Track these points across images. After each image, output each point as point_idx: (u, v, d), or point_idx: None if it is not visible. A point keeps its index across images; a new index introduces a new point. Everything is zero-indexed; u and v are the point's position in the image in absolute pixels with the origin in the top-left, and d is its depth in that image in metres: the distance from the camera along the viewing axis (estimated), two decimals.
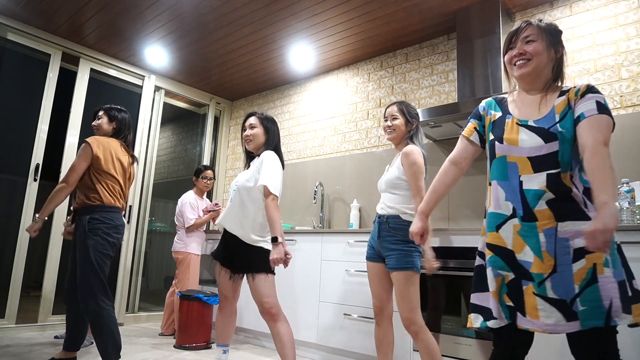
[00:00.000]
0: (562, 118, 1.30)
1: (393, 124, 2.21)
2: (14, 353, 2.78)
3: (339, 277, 2.90)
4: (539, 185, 1.28)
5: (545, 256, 1.25)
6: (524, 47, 1.38)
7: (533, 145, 1.30)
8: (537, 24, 1.38)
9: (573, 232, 1.23)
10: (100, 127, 2.53)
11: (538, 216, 1.28)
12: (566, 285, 1.22)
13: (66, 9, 3.38)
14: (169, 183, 4.89)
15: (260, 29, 3.49)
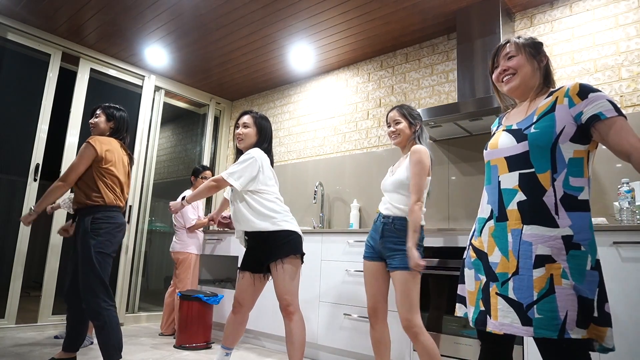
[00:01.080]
0: (539, 118, 1.31)
1: (397, 129, 2.23)
2: (14, 353, 2.78)
3: (339, 277, 2.90)
4: (512, 184, 1.32)
5: (510, 256, 1.27)
6: (506, 64, 1.44)
7: (508, 146, 1.35)
8: (515, 41, 1.44)
9: (536, 237, 1.23)
10: (97, 126, 2.49)
11: (509, 216, 1.30)
12: (525, 290, 1.22)
13: (66, 9, 3.38)
14: (169, 183, 4.89)
15: (260, 29, 3.49)
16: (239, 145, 2.32)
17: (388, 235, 2.12)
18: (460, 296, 1.46)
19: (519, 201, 1.29)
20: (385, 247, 2.12)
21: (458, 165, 3.15)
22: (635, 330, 1.83)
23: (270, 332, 3.23)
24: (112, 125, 2.51)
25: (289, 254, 2.14)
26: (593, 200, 2.54)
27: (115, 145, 2.44)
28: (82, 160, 2.32)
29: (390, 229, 2.11)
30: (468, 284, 1.41)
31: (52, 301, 3.64)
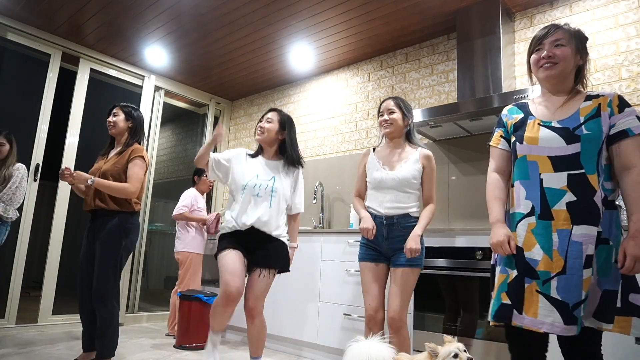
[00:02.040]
0: (586, 120, 1.32)
1: (390, 118, 2.16)
2: (14, 353, 2.78)
3: (338, 277, 2.90)
4: (560, 184, 1.30)
5: (555, 255, 1.26)
6: (553, 50, 1.39)
7: (553, 145, 1.32)
8: (568, 29, 1.40)
9: (586, 237, 1.25)
10: (116, 125, 2.48)
11: (555, 215, 1.29)
12: (573, 289, 1.22)
13: (66, 9, 3.38)
14: (169, 183, 4.89)
15: (260, 29, 3.49)
16: (258, 138, 2.32)
17: (395, 235, 2.07)
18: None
19: (569, 202, 1.28)
20: (392, 248, 2.08)
21: (458, 165, 3.15)
22: None
23: (270, 332, 3.23)
24: (131, 124, 2.52)
25: (283, 268, 2.25)
26: None
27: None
28: (143, 173, 2.41)
29: (397, 228, 2.08)
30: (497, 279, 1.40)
31: (52, 301, 3.64)
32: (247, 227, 2.17)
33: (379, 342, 1.59)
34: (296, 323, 3.08)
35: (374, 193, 2.17)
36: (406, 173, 2.12)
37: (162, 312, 4.38)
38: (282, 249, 2.25)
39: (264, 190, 2.21)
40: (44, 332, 3.49)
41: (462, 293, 2.38)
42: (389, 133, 2.19)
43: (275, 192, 2.23)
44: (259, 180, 2.23)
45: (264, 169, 2.28)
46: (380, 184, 2.15)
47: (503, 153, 1.54)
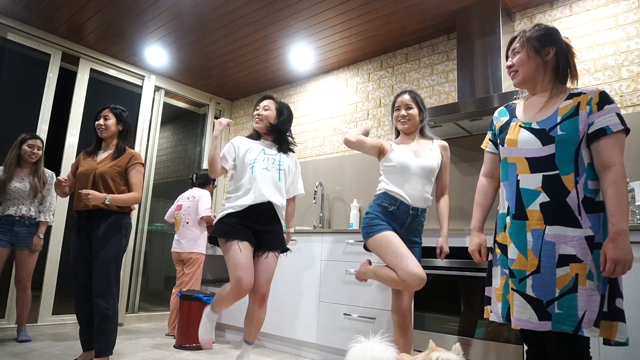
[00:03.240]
0: (563, 120, 1.32)
1: (409, 114, 2.15)
2: (14, 353, 2.78)
3: (339, 277, 2.90)
4: (535, 185, 1.32)
5: (530, 255, 1.30)
6: (513, 59, 1.46)
7: (530, 147, 1.35)
8: (521, 35, 1.44)
9: (560, 237, 1.27)
10: (108, 128, 2.46)
11: (529, 216, 1.32)
12: (546, 287, 1.26)
13: (66, 9, 3.38)
14: (169, 183, 4.89)
15: (260, 29, 3.49)
16: (256, 125, 2.41)
17: (414, 227, 2.09)
18: (488, 298, 1.47)
19: (542, 202, 1.30)
20: (406, 239, 2.05)
21: (458, 165, 3.15)
22: (636, 330, 1.83)
23: (270, 332, 3.23)
24: (122, 127, 2.52)
25: (284, 249, 2.33)
26: None
27: None
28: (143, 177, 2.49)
29: (418, 221, 2.10)
30: (495, 281, 1.44)
31: (52, 301, 3.64)
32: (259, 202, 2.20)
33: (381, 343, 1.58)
34: (296, 323, 3.08)
35: (398, 178, 2.06)
36: (433, 161, 2.11)
37: (162, 312, 4.39)
38: (282, 231, 2.37)
39: (272, 164, 2.31)
40: (44, 332, 3.49)
41: (462, 293, 2.38)
42: (407, 129, 2.17)
43: (282, 165, 2.33)
44: (266, 155, 2.33)
45: (267, 148, 2.40)
46: (406, 169, 2.05)
47: (491, 156, 1.59)
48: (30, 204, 3.14)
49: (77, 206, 2.39)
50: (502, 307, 1.38)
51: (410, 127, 2.16)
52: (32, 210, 3.15)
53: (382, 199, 2.08)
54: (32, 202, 3.16)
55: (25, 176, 3.17)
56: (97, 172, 2.37)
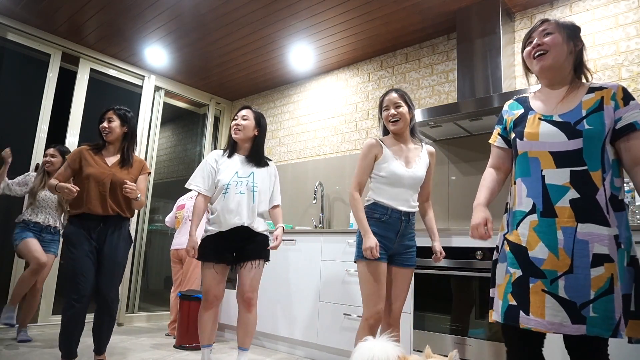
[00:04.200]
0: (588, 114, 1.28)
1: (399, 112, 2.07)
2: (14, 353, 2.78)
3: (339, 277, 2.90)
4: (562, 181, 1.26)
5: (561, 254, 1.23)
6: (542, 39, 1.37)
7: (555, 141, 1.28)
8: (555, 20, 1.39)
9: (592, 235, 1.21)
10: (113, 131, 2.44)
11: (558, 213, 1.25)
12: (580, 289, 1.19)
13: (66, 9, 3.38)
14: (169, 183, 4.89)
15: (260, 29, 3.49)
16: (235, 136, 2.39)
17: (407, 232, 2.08)
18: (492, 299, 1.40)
19: (572, 199, 1.24)
20: (402, 245, 2.06)
21: (458, 165, 3.15)
22: None
23: (270, 332, 3.23)
24: (126, 129, 2.51)
25: (267, 258, 2.37)
26: None
27: None
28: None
29: (409, 226, 2.09)
30: (499, 279, 1.36)
31: (52, 301, 3.65)
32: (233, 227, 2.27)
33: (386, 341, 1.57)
34: (296, 323, 3.08)
35: (388, 189, 2.05)
36: (422, 171, 2.10)
37: (162, 312, 4.39)
38: (266, 241, 2.39)
39: (245, 187, 2.31)
40: (44, 332, 3.49)
41: (462, 293, 2.37)
42: (399, 129, 2.09)
43: (256, 187, 2.33)
44: (239, 178, 2.32)
45: (241, 166, 2.36)
46: (398, 180, 2.04)
47: (499, 151, 1.52)
48: (56, 216, 3.23)
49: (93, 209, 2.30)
50: (502, 305, 1.31)
51: (401, 127, 2.08)
52: (58, 222, 3.25)
53: (372, 210, 2.05)
54: (58, 215, 3.26)
55: None
56: (115, 178, 2.37)
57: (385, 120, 2.13)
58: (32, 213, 3.13)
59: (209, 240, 2.31)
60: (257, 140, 2.42)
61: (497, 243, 1.45)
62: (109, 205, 2.34)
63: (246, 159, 2.40)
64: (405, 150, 2.10)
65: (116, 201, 2.37)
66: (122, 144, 2.51)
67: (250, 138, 2.40)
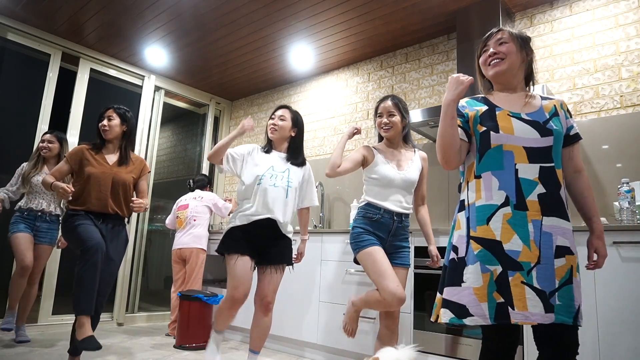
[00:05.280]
0: (551, 117, 1.38)
1: (391, 121, 2.16)
2: (14, 353, 2.78)
3: (339, 277, 2.90)
4: (533, 176, 1.32)
5: (532, 246, 1.28)
6: (498, 48, 1.47)
7: (528, 137, 1.34)
8: (508, 30, 1.48)
9: (555, 228, 1.30)
10: (112, 129, 2.42)
11: (529, 206, 1.30)
12: (548, 278, 1.27)
13: (66, 9, 3.38)
14: (169, 183, 4.89)
15: (260, 29, 3.49)
16: (271, 135, 2.35)
17: (400, 232, 2.16)
18: (447, 300, 1.34)
19: (540, 193, 1.31)
20: (394, 245, 2.14)
21: None
22: (636, 330, 1.83)
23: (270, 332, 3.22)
24: (125, 128, 2.49)
25: (289, 263, 2.33)
26: None
27: None
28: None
29: (402, 227, 2.16)
30: (472, 281, 1.30)
31: (52, 301, 3.64)
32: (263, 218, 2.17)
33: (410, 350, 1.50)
34: (296, 323, 3.08)
35: (381, 191, 2.14)
36: (412, 175, 2.18)
37: (162, 312, 4.39)
38: (289, 245, 2.33)
39: (280, 180, 2.24)
40: (44, 332, 3.49)
41: None
42: (390, 136, 2.20)
43: (291, 183, 2.28)
44: (275, 171, 2.26)
45: (278, 162, 2.31)
46: (390, 182, 2.13)
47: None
48: (51, 199, 3.16)
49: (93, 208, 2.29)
50: (489, 306, 1.28)
51: (392, 134, 2.18)
52: (53, 205, 3.17)
53: (365, 210, 2.16)
54: (54, 199, 3.18)
55: (49, 171, 3.18)
56: (117, 178, 2.36)
57: (378, 126, 2.23)
58: (26, 200, 3.09)
59: (235, 231, 2.21)
60: (295, 140, 2.38)
61: (455, 243, 1.39)
62: (109, 205, 2.34)
63: (284, 156, 2.36)
64: (397, 155, 2.21)
65: (116, 200, 2.37)
66: (121, 142, 2.50)
67: (286, 138, 2.36)
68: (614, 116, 2.57)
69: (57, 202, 3.20)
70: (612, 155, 2.52)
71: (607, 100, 2.62)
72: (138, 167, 2.51)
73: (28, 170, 3.12)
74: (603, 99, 2.64)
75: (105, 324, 3.85)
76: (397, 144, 2.23)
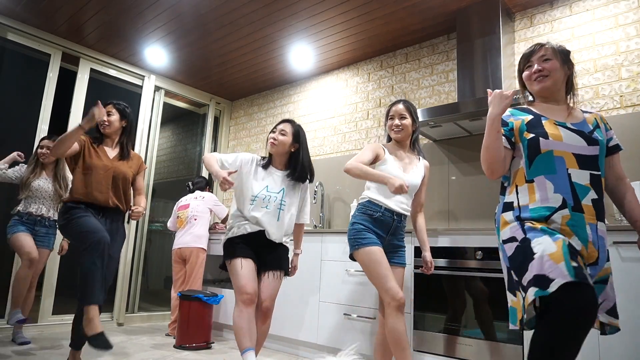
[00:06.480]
0: (594, 128, 1.46)
1: (402, 123, 2.20)
2: (14, 353, 2.78)
3: (339, 277, 2.90)
4: (585, 181, 1.38)
5: (590, 247, 1.35)
6: (542, 65, 1.52)
7: (576, 144, 1.41)
8: (551, 45, 1.55)
9: (605, 234, 1.40)
10: (112, 124, 2.42)
11: (585, 209, 1.36)
12: (593, 276, 1.38)
13: (66, 9, 3.38)
14: (169, 183, 4.89)
15: (260, 29, 3.49)
16: (270, 149, 2.28)
17: (398, 232, 2.20)
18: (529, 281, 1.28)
19: (593, 199, 1.37)
20: (393, 244, 2.18)
21: (458, 165, 3.15)
22: (635, 330, 1.83)
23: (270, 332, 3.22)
24: (125, 124, 2.48)
25: (287, 271, 2.32)
26: None
27: None
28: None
29: (401, 227, 2.20)
30: (544, 248, 1.27)
31: (52, 301, 3.64)
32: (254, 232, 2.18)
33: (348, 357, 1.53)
34: (296, 323, 3.08)
35: (384, 189, 2.13)
36: (417, 179, 2.23)
37: (162, 312, 4.39)
38: (286, 253, 2.31)
39: (273, 203, 2.21)
40: (44, 332, 3.49)
41: (463, 293, 2.38)
42: (401, 138, 2.24)
43: (284, 205, 2.24)
44: (268, 192, 2.21)
45: (273, 180, 2.26)
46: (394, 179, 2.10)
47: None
48: (50, 205, 3.18)
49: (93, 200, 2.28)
50: (567, 267, 1.22)
51: (403, 136, 2.23)
52: (52, 211, 3.19)
53: (366, 207, 2.16)
54: (54, 205, 3.20)
55: (48, 177, 3.20)
56: (117, 171, 2.36)
57: (389, 128, 2.26)
58: (25, 204, 3.09)
59: (233, 240, 2.22)
60: (296, 156, 2.28)
61: (509, 235, 1.40)
62: (110, 198, 2.34)
63: (281, 173, 2.29)
64: (404, 158, 2.24)
65: (117, 194, 2.38)
66: (120, 138, 2.49)
67: (286, 153, 2.28)
68: (614, 116, 2.57)
69: (55, 208, 3.21)
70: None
71: (607, 100, 2.62)
72: (136, 163, 2.53)
73: (27, 175, 3.12)
74: (603, 99, 2.64)
75: (105, 323, 3.85)
76: (405, 147, 2.27)
